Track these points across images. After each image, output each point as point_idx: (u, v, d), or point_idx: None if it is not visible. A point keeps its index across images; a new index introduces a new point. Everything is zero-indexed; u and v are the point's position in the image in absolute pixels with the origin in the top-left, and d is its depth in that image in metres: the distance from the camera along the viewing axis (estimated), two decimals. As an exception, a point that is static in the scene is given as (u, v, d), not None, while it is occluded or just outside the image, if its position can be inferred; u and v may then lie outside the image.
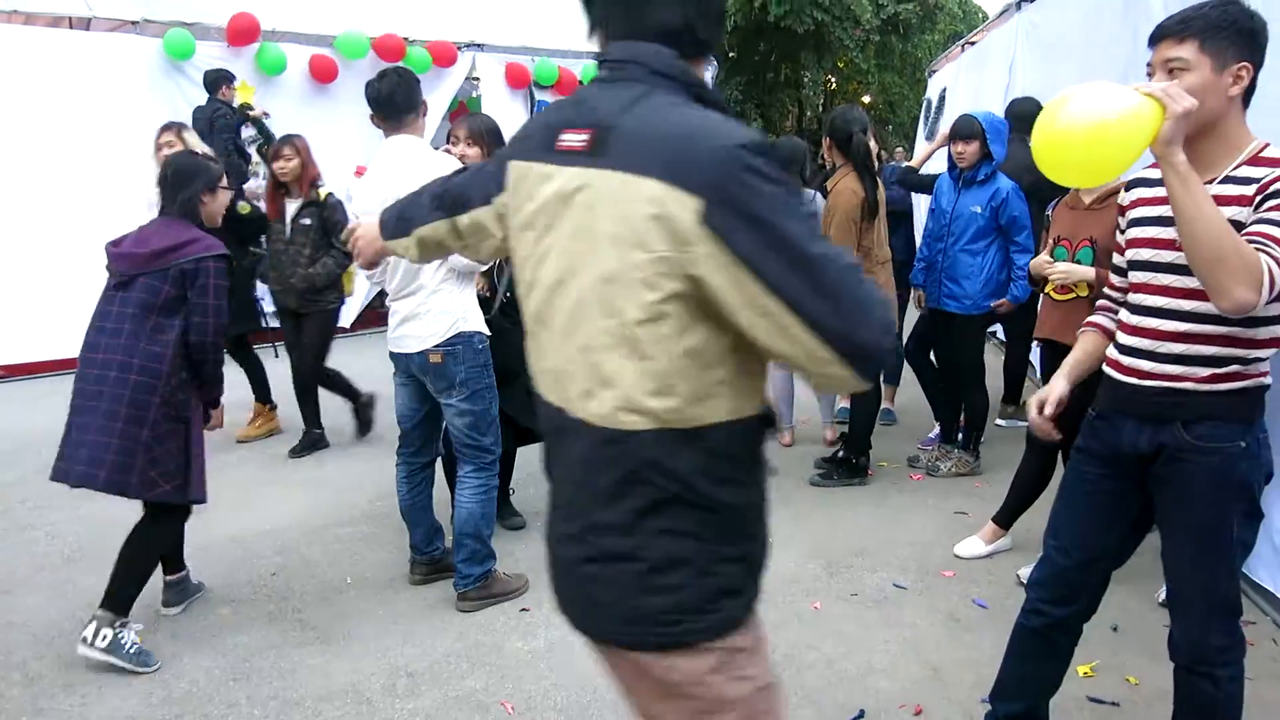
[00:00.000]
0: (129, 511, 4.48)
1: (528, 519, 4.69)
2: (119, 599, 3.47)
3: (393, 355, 3.80)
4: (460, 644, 3.58)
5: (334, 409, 6.17)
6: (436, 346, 3.62)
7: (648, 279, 1.39)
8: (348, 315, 9.71)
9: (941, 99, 11.06)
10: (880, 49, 18.59)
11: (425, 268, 3.62)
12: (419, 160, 3.60)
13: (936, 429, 5.63)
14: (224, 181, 3.76)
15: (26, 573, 4.25)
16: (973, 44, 10.65)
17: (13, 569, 4.28)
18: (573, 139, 1.49)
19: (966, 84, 10.28)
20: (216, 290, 3.48)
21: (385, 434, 6.09)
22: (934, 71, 12.94)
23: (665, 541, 1.48)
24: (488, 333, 3.76)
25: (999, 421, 6.21)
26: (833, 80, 21.21)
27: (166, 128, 5.79)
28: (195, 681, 3.37)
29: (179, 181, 3.61)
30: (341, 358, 6.12)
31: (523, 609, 3.84)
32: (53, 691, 3.32)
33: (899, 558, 4.29)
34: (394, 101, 3.66)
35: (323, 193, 5.59)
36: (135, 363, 3.40)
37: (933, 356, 5.48)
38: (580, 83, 10.47)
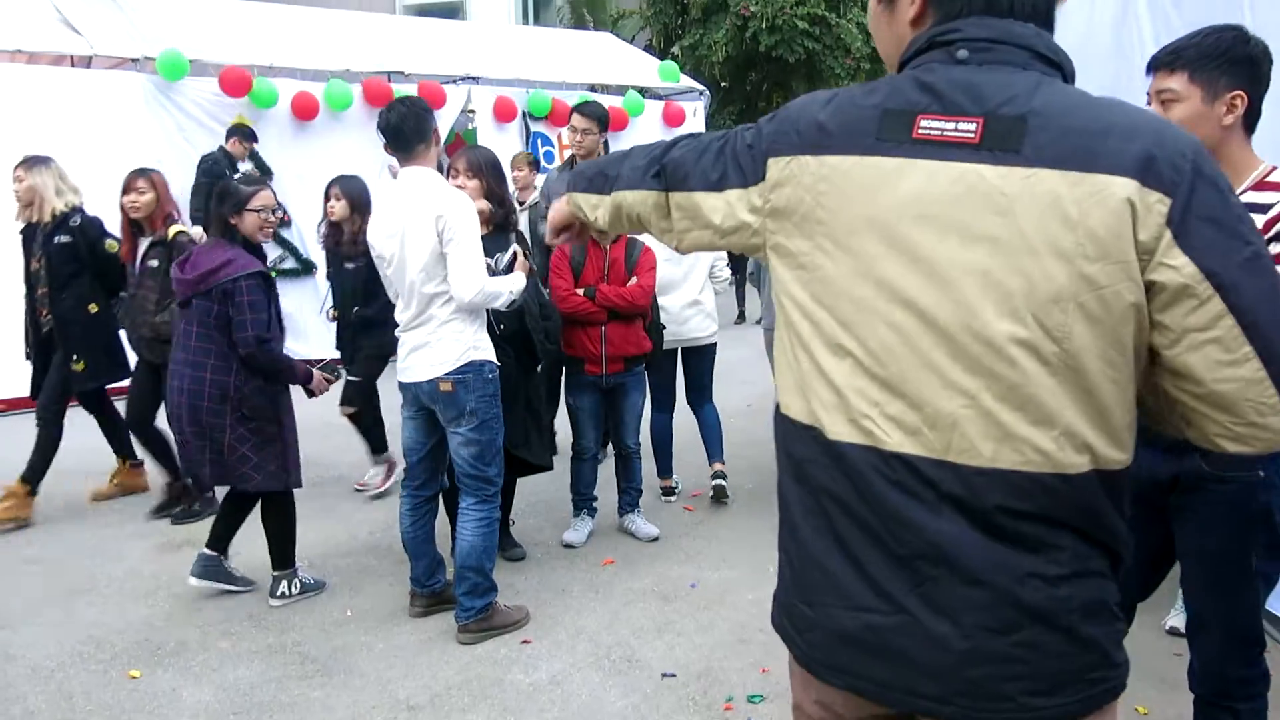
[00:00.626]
0: (132, 541, 4.49)
1: (528, 549, 4.69)
2: (285, 556, 4.25)
3: (401, 385, 3.81)
4: (461, 676, 3.58)
5: (344, 447, 6.17)
6: (447, 375, 3.65)
7: (1104, 294, 1.20)
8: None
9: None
10: (871, 76, 18.72)
11: (432, 303, 3.64)
12: (428, 192, 3.64)
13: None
14: (255, 203, 4.02)
15: (25, 607, 4.24)
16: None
17: (10, 603, 4.27)
18: (947, 127, 1.27)
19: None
20: (251, 305, 3.91)
21: (384, 465, 6.09)
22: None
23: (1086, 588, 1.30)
24: (497, 363, 3.79)
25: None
26: (825, 109, 21.37)
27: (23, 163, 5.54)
28: (196, 716, 3.35)
29: (218, 202, 4.03)
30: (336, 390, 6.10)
31: (524, 641, 3.83)
32: (52, 727, 3.30)
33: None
34: (403, 132, 3.69)
35: (172, 231, 5.03)
36: (206, 376, 3.95)
37: None
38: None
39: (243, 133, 8.75)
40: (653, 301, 4.79)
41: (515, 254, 4.06)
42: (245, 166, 9.01)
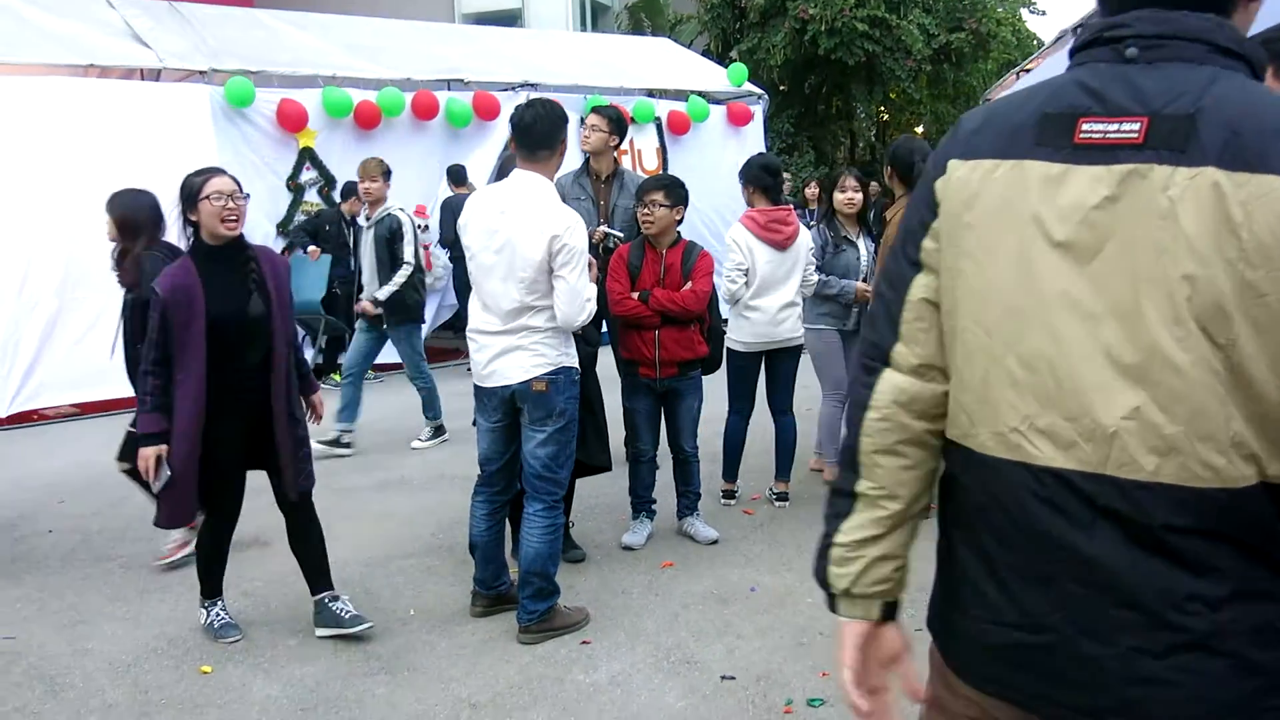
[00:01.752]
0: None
1: (587, 551, 4.73)
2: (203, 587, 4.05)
3: (484, 391, 3.84)
4: (522, 676, 3.62)
5: (409, 451, 6.25)
6: (542, 376, 3.71)
7: (1269, 301, 1.13)
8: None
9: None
10: (933, 79, 18.56)
11: (530, 313, 3.68)
12: (545, 207, 3.66)
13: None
14: (208, 189, 3.67)
15: (103, 603, 4.37)
16: (1028, 71, 10.61)
17: (90, 599, 4.41)
18: (1110, 129, 1.21)
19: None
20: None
21: (446, 469, 6.18)
22: (988, 100, 12.89)
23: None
24: (579, 370, 3.85)
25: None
26: (885, 111, 21.21)
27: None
28: (264, 710, 3.44)
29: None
30: (398, 394, 6.18)
31: (583, 641, 3.86)
32: (129, 719, 3.41)
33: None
34: (534, 132, 3.70)
35: None
36: None
37: None
38: (633, 119, 10.60)
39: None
40: (712, 306, 4.80)
41: (590, 263, 4.08)
42: (309, 174, 9.22)
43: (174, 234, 5.50)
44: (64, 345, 8.10)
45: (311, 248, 8.94)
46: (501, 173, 4.52)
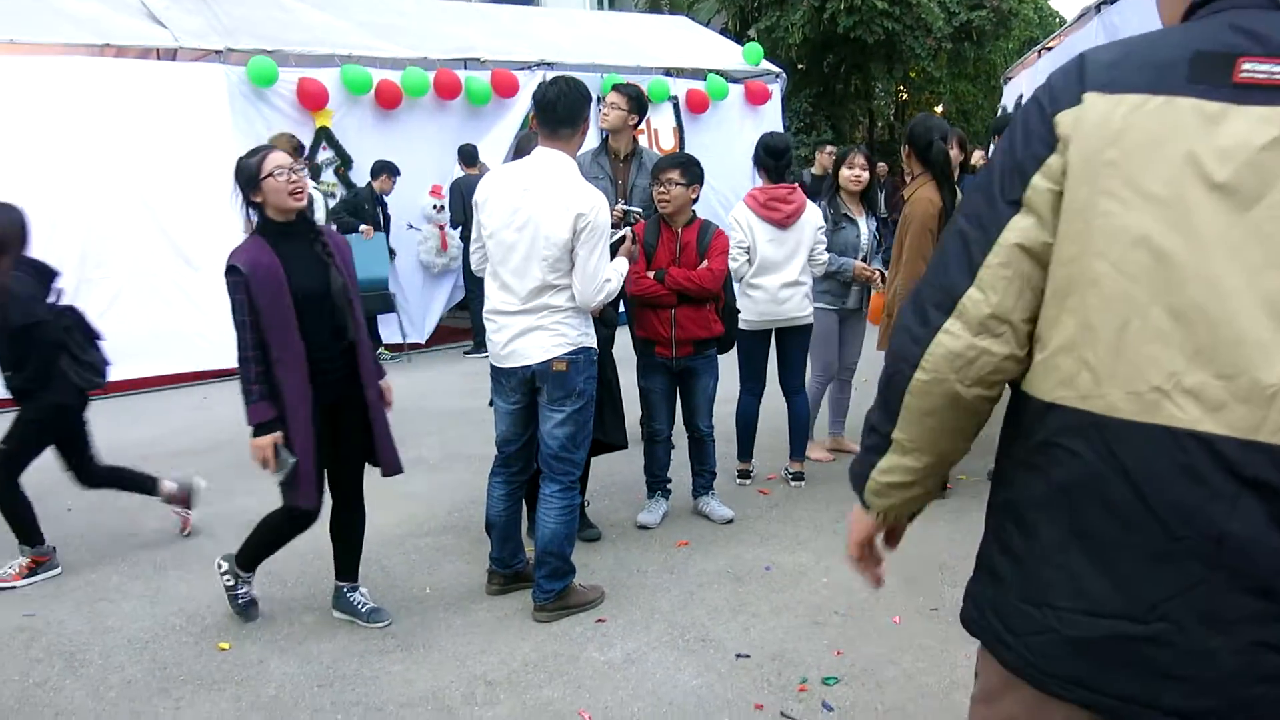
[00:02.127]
0: (220, 521, 4.63)
1: (603, 530, 4.73)
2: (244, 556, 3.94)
3: (503, 371, 3.81)
4: (537, 654, 3.63)
5: (428, 429, 6.27)
6: (562, 356, 3.70)
7: None
8: (422, 330, 9.89)
9: (1018, 106, 10.92)
10: (953, 57, 18.39)
11: (550, 292, 3.66)
12: (568, 185, 3.63)
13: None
14: (267, 166, 3.52)
15: (122, 580, 4.40)
16: (1050, 49, 10.51)
17: (109, 577, 4.44)
18: (1274, 70, 1.15)
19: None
20: (232, 304, 3.52)
21: (462, 447, 6.19)
22: (1009, 79, 12.78)
23: None
24: (598, 351, 3.85)
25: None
26: (904, 90, 21.04)
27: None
28: (282, 687, 3.46)
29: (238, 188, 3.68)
30: (414, 375, 6.20)
31: (599, 620, 3.87)
32: (148, 695, 3.43)
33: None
34: (556, 110, 3.67)
35: None
36: None
37: None
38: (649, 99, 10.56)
39: (387, 168, 9.13)
40: (727, 285, 4.77)
41: (626, 237, 4.06)
42: (325, 154, 9.22)
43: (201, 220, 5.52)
44: (82, 325, 8.13)
45: (364, 226, 8.99)
46: (518, 152, 4.49)
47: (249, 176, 3.53)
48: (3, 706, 3.39)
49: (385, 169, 9.09)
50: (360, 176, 9.36)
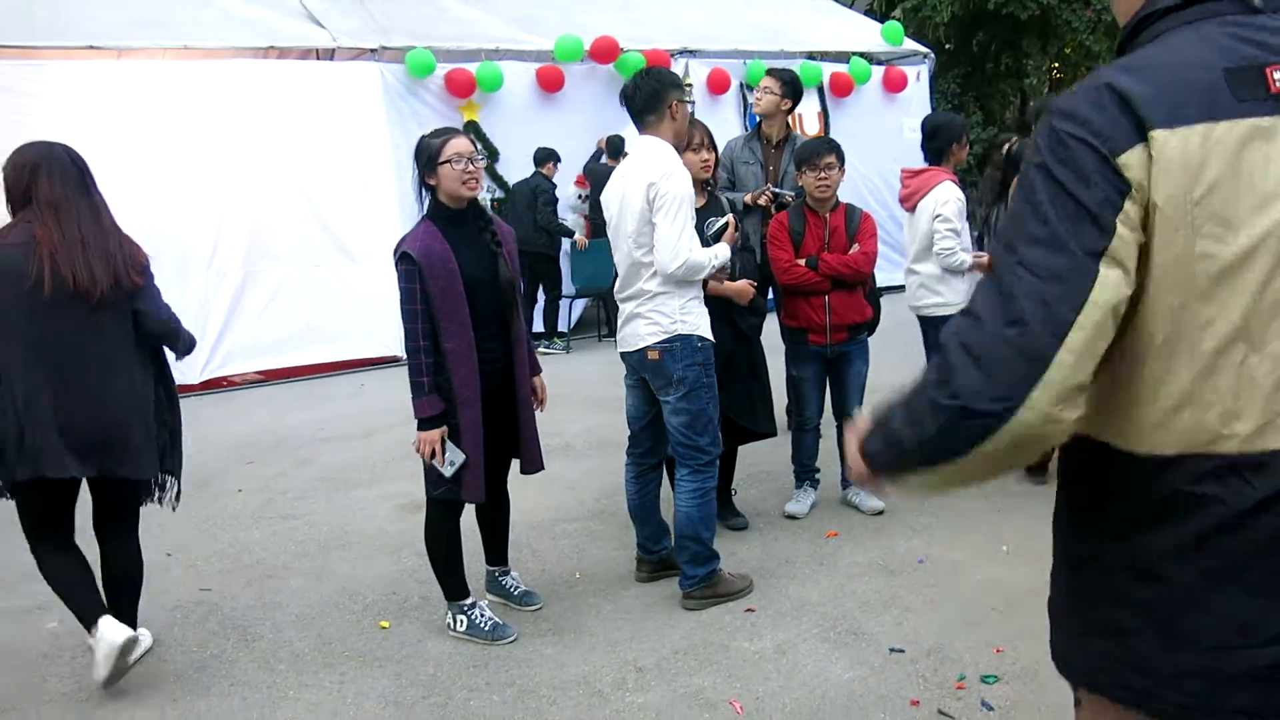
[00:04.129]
0: (380, 502, 4.79)
1: (750, 519, 4.70)
2: (444, 588, 3.78)
3: (621, 355, 3.91)
4: (687, 642, 3.63)
5: (571, 418, 6.36)
6: (655, 345, 3.71)
7: None
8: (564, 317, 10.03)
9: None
10: (1112, 29, 17.54)
11: (640, 274, 3.72)
12: (647, 161, 3.69)
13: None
14: (447, 152, 3.47)
15: (289, 558, 4.61)
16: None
17: (277, 555, 4.65)
18: None
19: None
20: (399, 293, 3.44)
21: (610, 435, 6.25)
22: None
23: None
24: (709, 337, 3.79)
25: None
26: (1059, 68, 20.19)
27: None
28: (440, 666, 3.56)
29: (416, 166, 3.60)
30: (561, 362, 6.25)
31: (748, 609, 3.84)
32: (315, 669, 3.58)
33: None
34: (634, 102, 3.76)
35: None
36: None
37: None
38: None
39: (551, 155, 9.34)
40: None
41: (727, 224, 4.03)
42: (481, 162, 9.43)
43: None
44: (250, 315, 8.57)
45: (578, 236, 9.26)
46: (610, 151, 4.58)
47: (429, 157, 3.49)
48: (181, 676, 3.59)
49: (551, 156, 9.27)
50: (508, 168, 9.55)
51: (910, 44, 12.52)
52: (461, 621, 3.72)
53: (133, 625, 3.45)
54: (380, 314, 9.07)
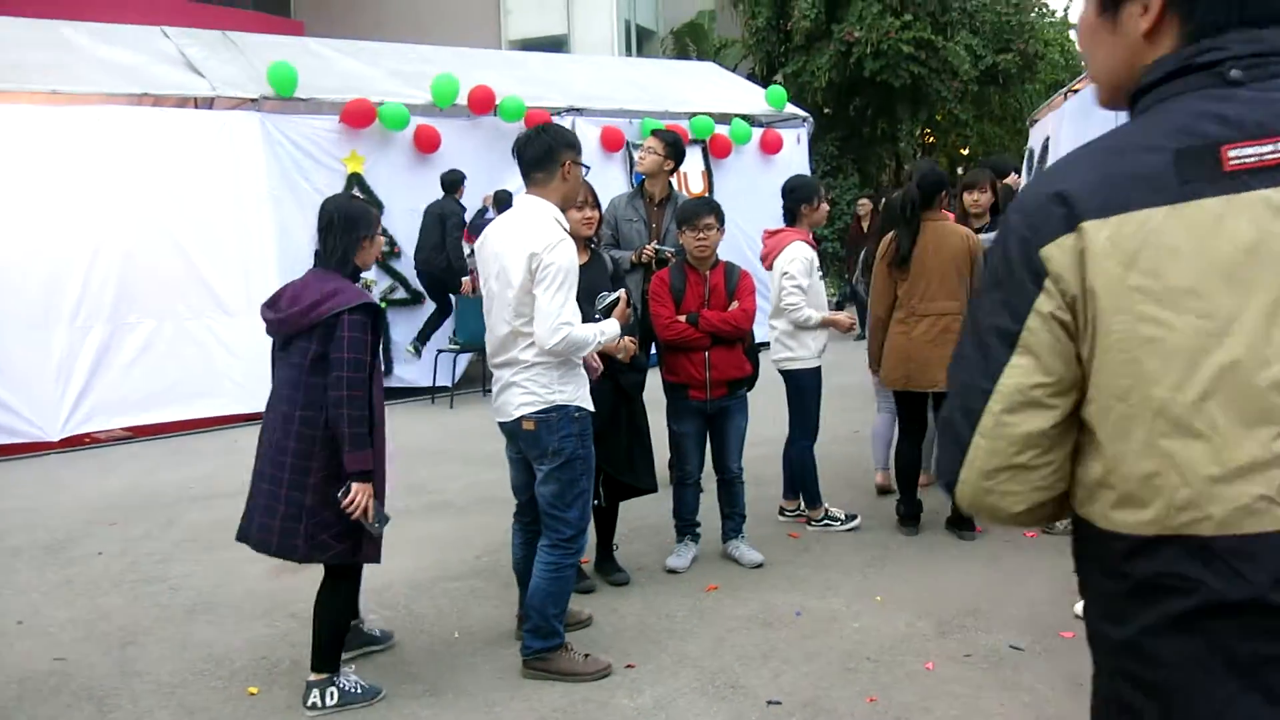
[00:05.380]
0: (250, 564, 4.63)
1: (631, 574, 4.69)
2: (326, 658, 3.59)
3: (498, 423, 3.80)
4: (566, 699, 3.59)
5: (454, 474, 6.27)
6: (530, 415, 3.61)
7: None
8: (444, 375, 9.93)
9: (1045, 148, 10.91)
10: (978, 100, 18.43)
11: (517, 342, 3.60)
12: (530, 226, 3.55)
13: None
14: (378, 228, 3.71)
15: (151, 624, 4.41)
16: (1076, 91, 10.50)
17: (138, 620, 4.44)
18: (1263, 152, 1.14)
19: (1070, 132, 10.12)
20: (351, 343, 3.36)
21: (491, 491, 6.17)
22: (1035, 121, 12.77)
23: None
24: (589, 408, 3.71)
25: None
26: (930, 133, 21.09)
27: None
28: (310, 732, 3.44)
29: (346, 227, 3.54)
30: (442, 418, 6.23)
31: (628, 665, 3.82)
32: (176, 740, 3.42)
33: (1014, 618, 4.15)
34: (524, 156, 3.65)
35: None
36: (293, 427, 3.42)
37: None
38: (691, 139, 10.75)
39: (459, 179, 9.42)
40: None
41: (619, 299, 3.94)
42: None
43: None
44: (117, 369, 8.24)
45: (465, 281, 9.25)
46: (497, 204, 4.56)
47: (368, 226, 3.64)
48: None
49: (460, 180, 9.44)
50: (390, 222, 9.49)
51: (791, 108, 12.91)
52: (332, 694, 3.55)
53: None
54: (255, 369, 8.83)
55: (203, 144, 8.68)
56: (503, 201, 9.39)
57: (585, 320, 3.65)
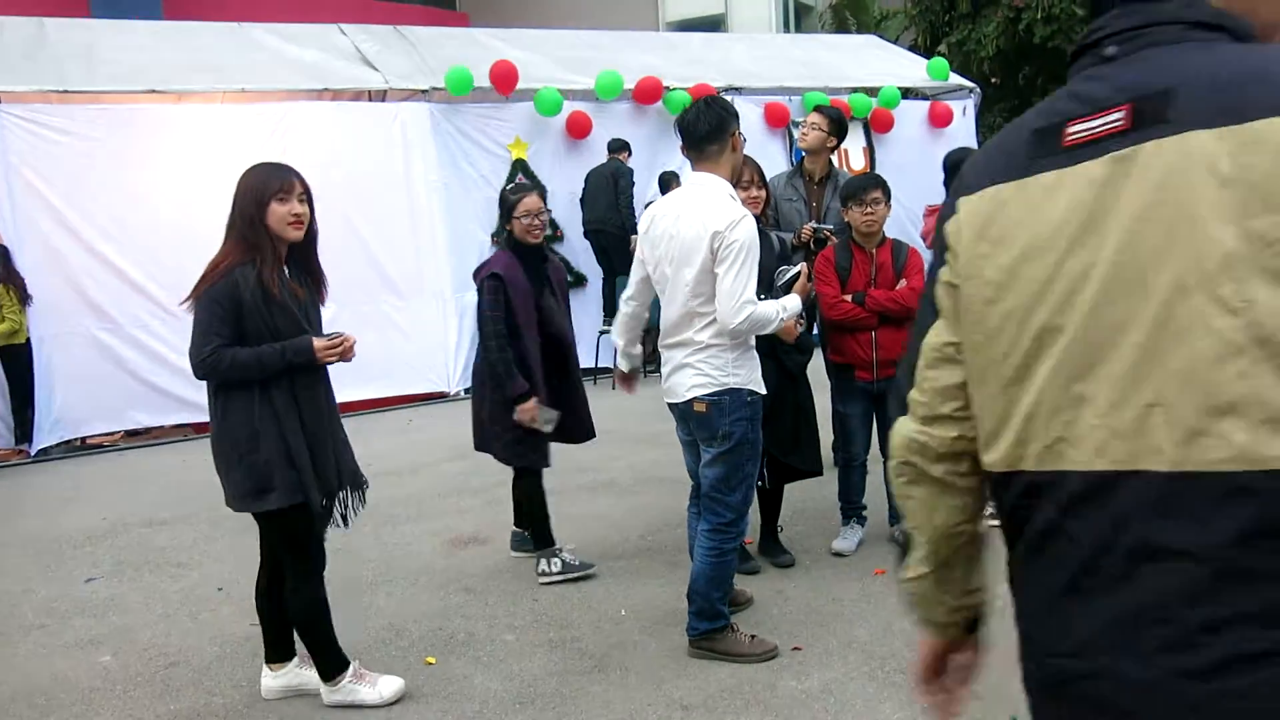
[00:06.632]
0: (426, 538, 4.79)
1: (797, 556, 4.66)
2: (539, 536, 4.65)
3: (668, 404, 3.81)
4: (733, 680, 3.60)
5: (615, 455, 6.37)
6: (703, 397, 3.61)
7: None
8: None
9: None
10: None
11: (693, 323, 3.60)
12: (710, 203, 3.54)
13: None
14: (519, 210, 4.51)
15: (334, 594, 4.60)
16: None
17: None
18: (1096, 124, 1.20)
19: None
20: (485, 303, 4.44)
21: (654, 471, 6.25)
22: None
23: None
24: (761, 391, 3.69)
25: None
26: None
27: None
28: (485, 703, 3.56)
29: (500, 212, 4.84)
30: (606, 399, 6.24)
31: (795, 647, 3.80)
32: (362, 706, 3.59)
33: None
34: (695, 131, 3.60)
35: None
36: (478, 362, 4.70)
37: None
38: (852, 116, 10.50)
39: (625, 145, 9.61)
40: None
41: (800, 273, 3.90)
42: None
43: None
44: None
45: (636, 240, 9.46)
46: (662, 188, 4.57)
47: (506, 209, 4.58)
48: (232, 711, 3.62)
49: (625, 146, 9.57)
50: (555, 204, 9.68)
51: (956, 78, 12.49)
52: (555, 563, 4.56)
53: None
54: (428, 350, 9.18)
55: (377, 135, 9.05)
56: (667, 184, 9.43)
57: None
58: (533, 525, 4.69)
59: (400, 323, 8.98)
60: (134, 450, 7.99)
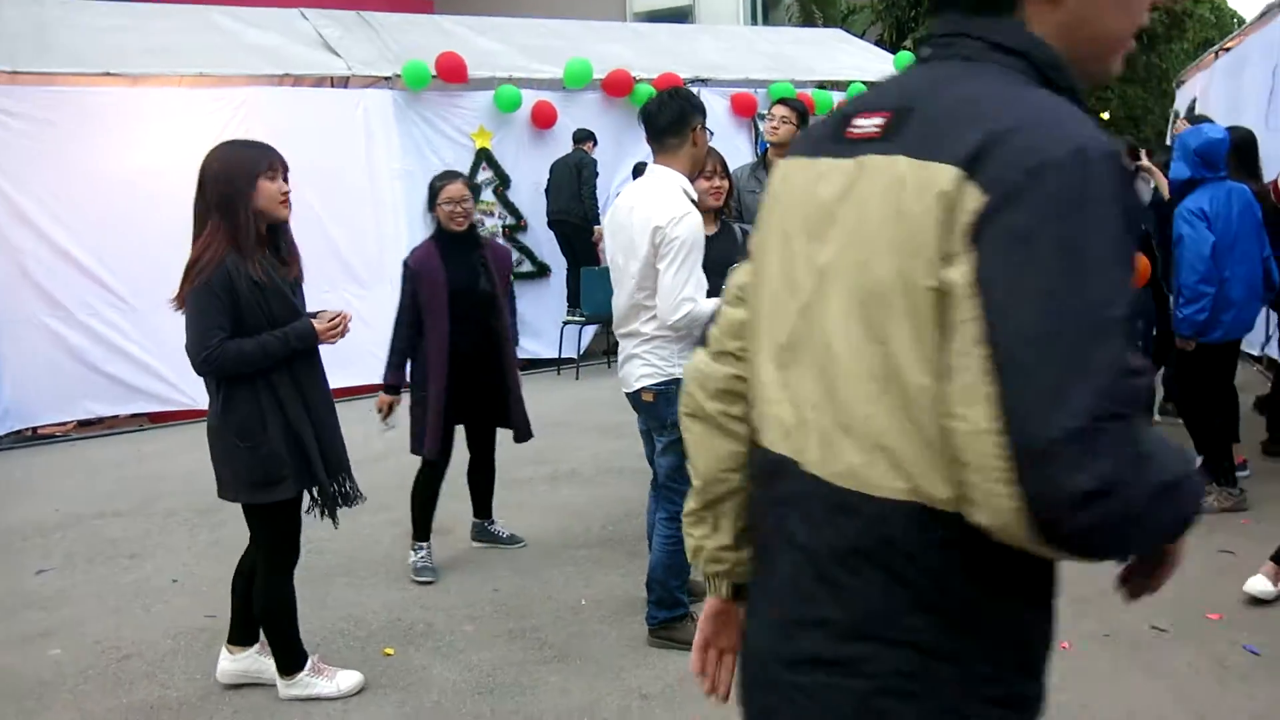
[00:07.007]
0: (386, 528, 4.77)
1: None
2: (416, 525, 4.67)
3: (624, 393, 3.83)
4: (692, 670, 3.59)
5: (578, 445, 6.33)
6: (650, 387, 3.63)
7: (916, 292, 1.08)
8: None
9: (1190, 110, 10.36)
10: (1122, 61, 17.61)
11: (639, 315, 3.62)
12: (658, 197, 3.54)
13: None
14: (441, 198, 4.50)
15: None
16: (1227, 50, 9.93)
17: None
18: (866, 124, 1.21)
19: (1219, 93, 9.59)
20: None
21: (617, 462, 6.24)
22: (1182, 82, 12.15)
23: (901, 655, 1.14)
24: None
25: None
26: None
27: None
28: (444, 693, 3.54)
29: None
30: (569, 390, 6.27)
31: (754, 637, 3.81)
32: (319, 700, 3.56)
33: (1158, 597, 3.96)
34: (656, 121, 3.61)
35: None
36: None
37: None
38: (814, 111, 10.53)
39: (590, 135, 9.56)
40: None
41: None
42: (485, 175, 9.50)
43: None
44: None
45: (599, 230, 9.36)
46: (635, 175, 4.55)
47: (430, 196, 4.53)
48: (185, 704, 3.58)
49: (589, 136, 9.52)
50: (519, 196, 9.64)
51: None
52: (411, 555, 4.64)
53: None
54: (387, 340, 9.09)
55: (339, 122, 8.93)
56: (639, 175, 9.41)
57: (715, 293, 3.61)
58: (412, 512, 4.66)
59: (361, 311, 8.85)
60: (87, 440, 7.86)
